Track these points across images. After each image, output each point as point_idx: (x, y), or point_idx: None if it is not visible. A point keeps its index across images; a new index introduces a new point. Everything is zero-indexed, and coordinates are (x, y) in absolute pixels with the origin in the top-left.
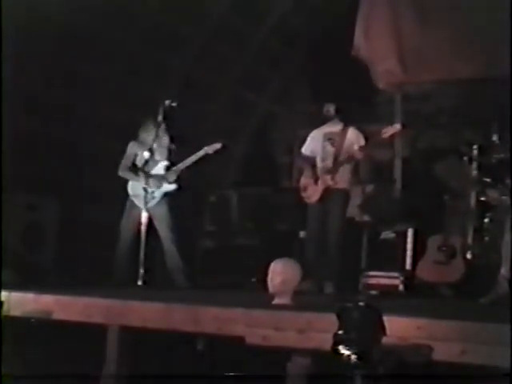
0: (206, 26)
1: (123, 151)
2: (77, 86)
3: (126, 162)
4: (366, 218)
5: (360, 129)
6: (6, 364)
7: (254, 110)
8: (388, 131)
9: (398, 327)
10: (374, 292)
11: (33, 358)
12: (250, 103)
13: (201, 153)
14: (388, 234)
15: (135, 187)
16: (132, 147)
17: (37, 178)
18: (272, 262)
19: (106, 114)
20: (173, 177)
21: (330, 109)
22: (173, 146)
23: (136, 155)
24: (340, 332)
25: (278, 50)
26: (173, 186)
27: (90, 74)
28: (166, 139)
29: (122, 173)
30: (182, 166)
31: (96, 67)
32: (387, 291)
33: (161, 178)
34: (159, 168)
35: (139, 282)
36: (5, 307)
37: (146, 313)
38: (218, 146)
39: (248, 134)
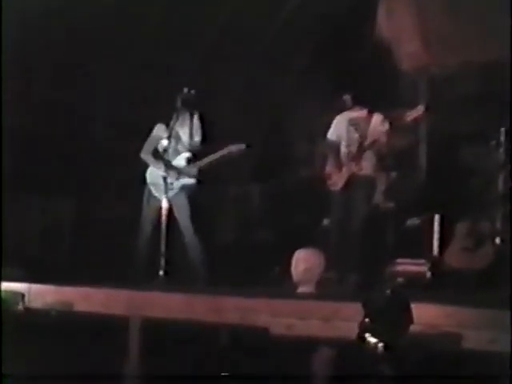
0: (222, 11)
1: (138, 146)
2: (88, 82)
3: (149, 144)
4: (391, 204)
5: (385, 114)
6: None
7: (274, 97)
8: (412, 114)
9: (425, 315)
10: (400, 279)
11: (51, 351)
12: (269, 91)
13: (224, 151)
14: (414, 221)
15: (154, 175)
16: (158, 130)
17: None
18: (296, 250)
19: (120, 110)
20: (193, 171)
21: (347, 99)
22: (195, 139)
23: (161, 139)
24: (366, 320)
25: (298, 34)
26: (191, 181)
27: (101, 68)
28: (187, 130)
29: (144, 155)
30: (203, 162)
31: (107, 61)
32: (414, 279)
33: (181, 171)
34: (181, 159)
35: (160, 273)
36: (25, 299)
37: (168, 304)
38: (242, 146)
39: (267, 123)
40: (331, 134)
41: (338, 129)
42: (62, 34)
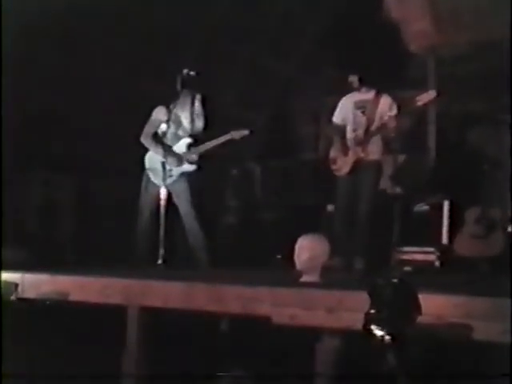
0: None
1: (138, 124)
2: (88, 59)
3: (149, 128)
4: (398, 190)
5: (393, 96)
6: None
7: (278, 77)
8: (422, 99)
9: (433, 305)
10: (407, 268)
11: (48, 341)
12: (274, 70)
13: (226, 137)
14: (422, 207)
15: (153, 160)
16: (158, 112)
17: (50, 154)
18: (299, 237)
19: (121, 87)
20: (193, 157)
21: (354, 80)
22: (197, 124)
23: (161, 123)
24: (372, 311)
25: (303, 13)
26: (191, 167)
27: (103, 46)
28: (188, 114)
29: (143, 139)
30: (204, 147)
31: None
32: (422, 267)
33: (180, 157)
34: (181, 145)
35: (159, 261)
36: (18, 289)
37: (167, 293)
38: (245, 132)
39: (271, 103)
40: (336, 117)
41: (344, 112)
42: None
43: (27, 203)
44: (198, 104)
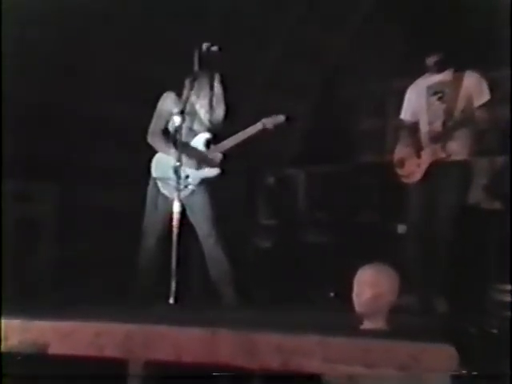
0: None
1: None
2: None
3: (157, 122)
4: (496, 204)
5: (483, 74)
6: None
7: (326, 53)
8: None
9: None
10: (509, 313)
11: None
12: (321, 44)
13: (257, 127)
14: None
15: (162, 165)
16: (166, 101)
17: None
18: (358, 268)
19: (115, 69)
20: (217, 157)
21: (432, 62)
22: (218, 113)
23: (171, 115)
24: (462, 372)
25: None
26: (214, 171)
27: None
28: (205, 101)
29: (151, 139)
30: (228, 143)
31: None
32: None
33: (200, 158)
34: (197, 142)
35: (171, 300)
36: None
37: (181, 342)
38: (281, 118)
39: (317, 90)
40: (405, 112)
41: (414, 101)
42: None
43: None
44: (217, 86)
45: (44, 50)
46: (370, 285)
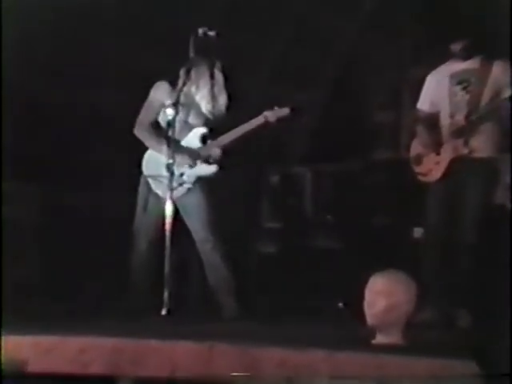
0: None
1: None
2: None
3: (146, 113)
4: None
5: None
6: None
7: (339, 40)
8: None
9: None
10: None
11: None
12: (333, 31)
13: (258, 120)
14: None
15: (154, 162)
16: (158, 90)
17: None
18: (370, 276)
19: (108, 56)
20: (215, 152)
21: (457, 49)
22: (219, 103)
23: (164, 106)
24: None
25: None
26: (211, 168)
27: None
28: (204, 92)
29: (138, 131)
30: (227, 138)
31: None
32: None
33: (195, 154)
34: (193, 137)
35: (163, 311)
36: None
37: (175, 357)
38: (284, 111)
39: (327, 80)
40: (423, 102)
41: (434, 89)
42: None
43: None
44: (218, 74)
45: (29, 43)
46: (384, 294)
